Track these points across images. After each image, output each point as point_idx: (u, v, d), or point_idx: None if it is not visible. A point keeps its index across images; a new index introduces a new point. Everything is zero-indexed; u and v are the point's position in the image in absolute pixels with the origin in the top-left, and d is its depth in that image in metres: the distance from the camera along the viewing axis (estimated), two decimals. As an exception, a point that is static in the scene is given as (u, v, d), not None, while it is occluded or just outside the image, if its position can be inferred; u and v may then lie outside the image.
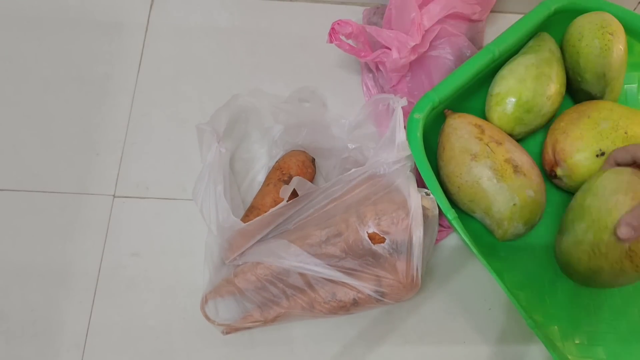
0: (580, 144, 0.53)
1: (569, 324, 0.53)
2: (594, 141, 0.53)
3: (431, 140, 0.56)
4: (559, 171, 0.55)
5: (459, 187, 0.53)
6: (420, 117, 0.52)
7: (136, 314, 0.54)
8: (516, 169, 0.51)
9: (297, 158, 0.56)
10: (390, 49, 0.55)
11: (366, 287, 0.48)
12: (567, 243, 0.50)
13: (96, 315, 0.54)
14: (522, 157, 0.53)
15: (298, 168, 0.55)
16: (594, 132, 0.53)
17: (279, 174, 0.55)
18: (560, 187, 0.58)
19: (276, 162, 0.57)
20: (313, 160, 0.57)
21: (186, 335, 0.54)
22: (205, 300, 0.51)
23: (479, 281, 0.56)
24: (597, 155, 0.53)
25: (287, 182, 0.54)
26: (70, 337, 0.54)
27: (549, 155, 0.56)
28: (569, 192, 0.56)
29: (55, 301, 0.55)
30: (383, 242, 0.47)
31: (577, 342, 0.52)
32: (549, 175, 0.57)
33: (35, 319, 0.54)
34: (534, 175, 0.52)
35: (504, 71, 0.56)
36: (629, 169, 0.47)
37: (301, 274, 0.48)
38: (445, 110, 0.56)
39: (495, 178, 0.51)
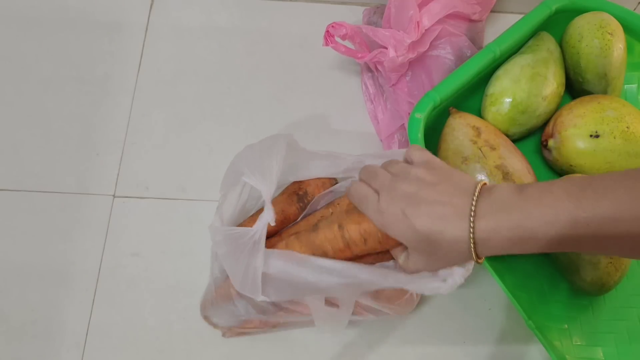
0: (579, 120, 0.53)
1: (569, 325, 0.53)
2: (593, 122, 0.53)
3: (433, 139, 0.56)
4: (550, 142, 0.55)
5: None
6: (421, 116, 0.52)
7: (136, 314, 0.54)
8: (506, 176, 0.51)
9: (319, 179, 0.54)
10: (387, 48, 0.55)
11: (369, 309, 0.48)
12: None
13: (96, 315, 0.54)
14: (516, 164, 0.52)
15: (317, 187, 0.53)
16: (598, 115, 0.53)
17: (296, 187, 0.53)
18: (547, 164, 0.58)
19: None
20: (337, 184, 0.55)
21: (186, 335, 0.54)
22: (206, 304, 0.51)
23: (479, 281, 0.56)
24: (590, 136, 0.53)
25: (300, 197, 0.53)
26: (70, 337, 0.54)
27: (549, 127, 0.56)
28: (555, 172, 0.57)
29: (55, 301, 0.55)
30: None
31: (576, 342, 0.52)
32: (542, 144, 0.57)
33: (35, 319, 0.54)
34: (526, 184, 0.52)
35: (500, 71, 0.56)
36: None
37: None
38: (450, 108, 0.56)
39: None
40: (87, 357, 0.53)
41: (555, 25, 0.58)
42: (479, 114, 0.57)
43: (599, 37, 0.55)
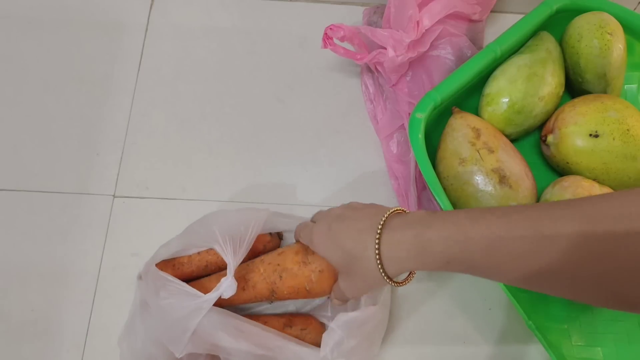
0: (581, 118, 0.53)
1: (568, 325, 0.53)
2: (594, 122, 0.53)
3: (433, 139, 0.56)
4: (549, 138, 0.55)
5: (445, 188, 0.53)
6: (422, 116, 0.52)
7: (136, 314, 0.54)
8: (502, 179, 0.51)
9: (264, 235, 0.53)
10: (386, 49, 0.55)
11: None
12: None
13: (96, 315, 0.54)
14: (513, 168, 0.52)
15: (261, 243, 0.52)
16: (600, 115, 0.53)
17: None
18: (547, 163, 0.58)
19: None
20: (279, 234, 0.54)
21: (186, 335, 0.54)
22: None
23: (479, 281, 0.56)
24: (590, 135, 0.52)
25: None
26: (70, 337, 0.54)
27: (550, 122, 0.56)
28: (553, 170, 0.57)
29: (55, 301, 0.55)
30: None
31: (576, 343, 0.52)
32: (541, 139, 0.57)
33: (35, 319, 0.54)
34: (522, 188, 0.52)
35: (497, 71, 0.56)
36: None
37: None
38: (453, 108, 0.56)
39: (479, 186, 0.51)
40: (87, 357, 0.53)
41: (557, 24, 0.58)
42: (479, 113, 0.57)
43: (598, 37, 0.55)
